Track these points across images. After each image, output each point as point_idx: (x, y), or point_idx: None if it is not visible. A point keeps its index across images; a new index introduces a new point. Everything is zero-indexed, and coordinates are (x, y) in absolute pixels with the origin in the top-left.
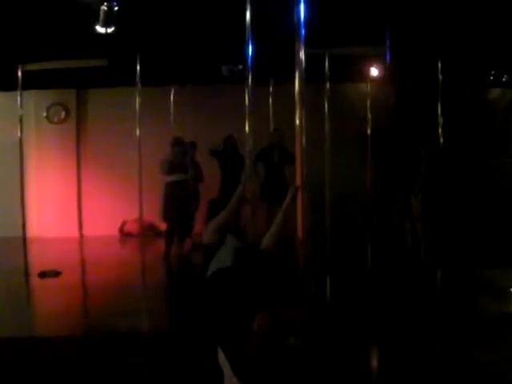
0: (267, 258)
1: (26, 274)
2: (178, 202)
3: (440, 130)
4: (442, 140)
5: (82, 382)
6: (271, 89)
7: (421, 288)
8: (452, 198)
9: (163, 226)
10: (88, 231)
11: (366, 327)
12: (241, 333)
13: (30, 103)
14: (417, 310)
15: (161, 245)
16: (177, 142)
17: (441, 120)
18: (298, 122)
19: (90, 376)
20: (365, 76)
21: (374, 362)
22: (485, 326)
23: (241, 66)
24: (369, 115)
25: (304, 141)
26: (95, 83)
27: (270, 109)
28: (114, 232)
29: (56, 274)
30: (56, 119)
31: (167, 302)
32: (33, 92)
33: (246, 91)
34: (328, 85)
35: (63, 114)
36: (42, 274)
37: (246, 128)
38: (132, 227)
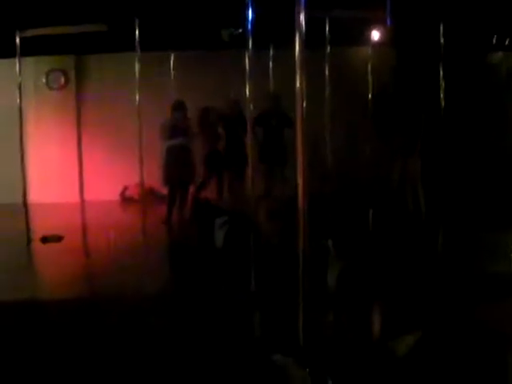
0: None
1: (28, 239)
2: (180, 166)
3: (441, 94)
4: (443, 104)
5: (87, 344)
6: (271, 53)
7: (421, 250)
8: (452, 162)
9: (164, 191)
10: (89, 196)
11: (366, 287)
12: None
13: (29, 70)
14: (417, 270)
15: (162, 209)
16: (178, 106)
17: (442, 84)
18: (298, 85)
19: (95, 338)
20: (366, 40)
21: (375, 321)
22: (485, 286)
23: (240, 30)
24: (370, 79)
25: (304, 105)
26: (94, 49)
27: (270, 73)
28: (115, 197)
29: (58, 238)
30: (55, 85)
31: (169, 265)
32: (31, 58)
33: (247, 55)
34: (329, 49)
35: (62, 80)
36: (44, 239)
37: (247, 93)
38: (133, 192)
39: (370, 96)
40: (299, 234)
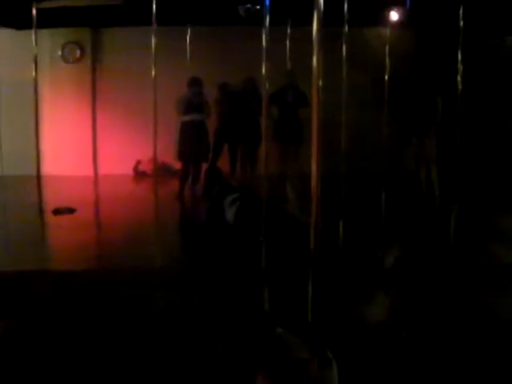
0: None
1: (41, 210)
2: (194, 142)
3: (459, 77)
4: (460, 87)
5: (96, 314)
6: (289, 30)
7: (433, 233)
8: (468, 144)
9: (177, 166)
10: (102, 170)
11: (374, 270)
12: None
13: (45, 42)
14: (428, 254)
15: (174, 184)
16: (194, 82)
17: (460, 67)
18: (315, 64)
19: (104, 309)
20: (384, 20)
21: (381, 304)
22: (497, 272)
23: (258, 7)
24: (387, 60)
25: (321, 83)
26: (111, 22)
27: (287, 50)
28: (129, 171)
29: (70, 211)
30: (71, 58)
31: (180, 239)
32: (47, 31)
33: (264, 32)
34: (346, 28)
35: (78, 53)
36: (56, 211)
37: (263, 70)
38: (146, 167)
39: (386, 77)
40: (312, 214)
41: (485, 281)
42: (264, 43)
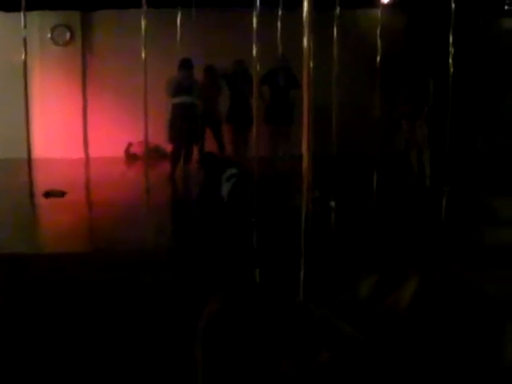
0: None
1: (31, 194)
2: (185, 124)
3: (450, 60)
4: (451, 70)
5: (89, 297)
6: (280, 12)
7: (423, 214)
8: (459, 127)
9: (168, 149)
10: (93, 152)
11: (366, 250)
12: None
13: (34, 24)
14: (418, 234)
15: (166, 167)
16: (184, 64)
17: (452, 50)
18: (305, 46)
19: (96, 291)
20: (376, 2)
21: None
22: (484, 251)
23: None
24: (379, 42)
25: (312, 65)
26: (101, 5)
27: (278, 33)
28: (120, 154)
29: (61, 194)
30: (61, 41)
31: (171, 220)
32: (37, 13)
33: (254, 14)
34: (338, 9)
35: (68, 35)
36: (47, 194)
37: (254, 52)
38: (137, 149)
39: (378, 59)
40: (303, 194)
41: (476, 260)
42: (255, 25)
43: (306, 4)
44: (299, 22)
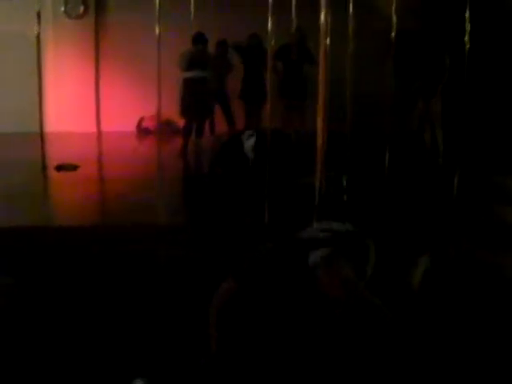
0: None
1: (44, 167)
2: (197, 98)
3: (466, 37)
4: (468, 46)
5: (98, 271)
6: None
7: (436, 192)
8: (474, 106)
9: (181, 123)
10: (106, 127)
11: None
12: None
13: None
14: (430, 213)
15: (178, 141)
16: (198, 38)
17: (468, 27)
18: (322, 20)
19: (107, 264)
20: None
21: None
22: (496, 230)
23: None
24: (394, 17)
25: (328, 41)
26: None
27: (293, 6)
28: (132, 128)
29: (73, 167)
30: (74, 14)
31: (183, 196)
32: None
33: None
34: None
35: (81, 8)
36: (59, 168)
37: (269, 26)
38: (149, 123)
39: (393, 34)
40: (316, 169)
41: (488, 239)
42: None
43: None
44: None
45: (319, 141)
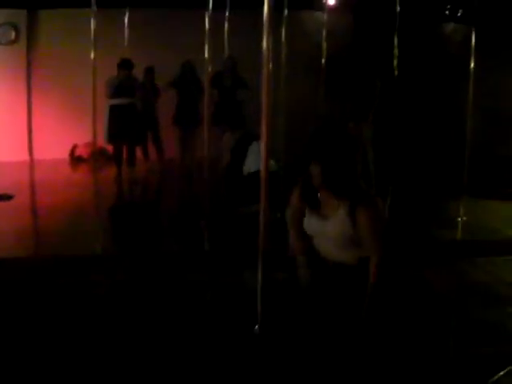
0: None
1: None
2: (123, 125)
3: (395, 62)
4: (396, 72)
5: (35, 302)
6: (227, 14)
7: None
8: (404, 129)
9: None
10: (38, 155)
11: None
12: None
13: None
14: None
15: (111, 169)
16: (124, 64)
17: (396, 52)
18: (265, 48)
19: (43, 297)
20: (322, 4)
21: None
22: (431, 251)
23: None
24: (324, 44)
25: (271, 67)
26: (47, 4)
27: (225, 35)
28: (65, 156)
29: (7, 197)
30: (5, 40)
31: (119, 224)
32: None
33: (207, 15)
34: (286, 11)
35: (13, 34)
36: None
37: (206, 53)
38: (83, 151)
39: (323, 60)
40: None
41: (421, 256)
42: (207, 26)
43: (266, 6)
44: (247, 22)
45: (262, 168)
